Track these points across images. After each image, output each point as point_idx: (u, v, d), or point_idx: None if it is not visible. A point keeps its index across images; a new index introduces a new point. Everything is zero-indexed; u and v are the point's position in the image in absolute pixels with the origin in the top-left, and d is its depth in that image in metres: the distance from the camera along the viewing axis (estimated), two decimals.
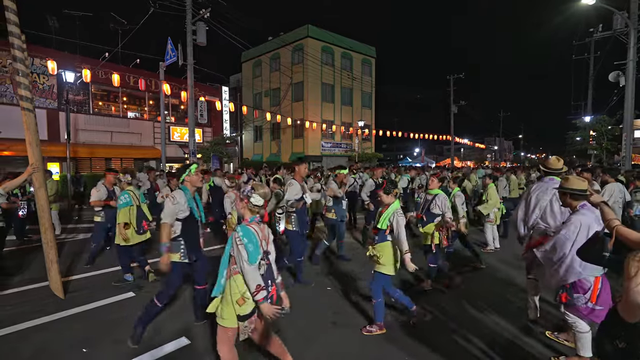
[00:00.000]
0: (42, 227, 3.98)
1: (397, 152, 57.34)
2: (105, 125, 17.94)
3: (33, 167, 3.83)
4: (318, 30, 26.33)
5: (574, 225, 2.49)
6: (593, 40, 19.69)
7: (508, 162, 56.90)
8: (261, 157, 29.44)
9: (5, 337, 3.16)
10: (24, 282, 4.56)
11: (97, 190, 5.13)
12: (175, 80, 18.51)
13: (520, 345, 3.03)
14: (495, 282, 4.65)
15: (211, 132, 22.28)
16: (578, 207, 2.54)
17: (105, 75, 16.55)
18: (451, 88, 29.92)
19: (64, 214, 8.66)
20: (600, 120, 17.37)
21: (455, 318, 3.54)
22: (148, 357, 2.84)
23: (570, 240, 2.48)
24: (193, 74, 13.34)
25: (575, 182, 2.54)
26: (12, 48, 3.75)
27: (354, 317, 3.59)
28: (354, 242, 6.91)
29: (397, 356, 2.87)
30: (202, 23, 12.98)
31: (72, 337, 3.15)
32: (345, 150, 28.45)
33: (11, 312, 3.65)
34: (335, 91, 27.88)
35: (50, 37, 16.83)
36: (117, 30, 17.56)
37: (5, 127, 13.75)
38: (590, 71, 20.67)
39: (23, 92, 3.81)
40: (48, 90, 16.12)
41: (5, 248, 5.20)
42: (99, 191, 5.12)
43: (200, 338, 3.15)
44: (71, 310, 3.71)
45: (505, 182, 7.78)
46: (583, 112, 21.73)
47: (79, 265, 5.35)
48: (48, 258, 3.98)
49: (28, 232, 7.06)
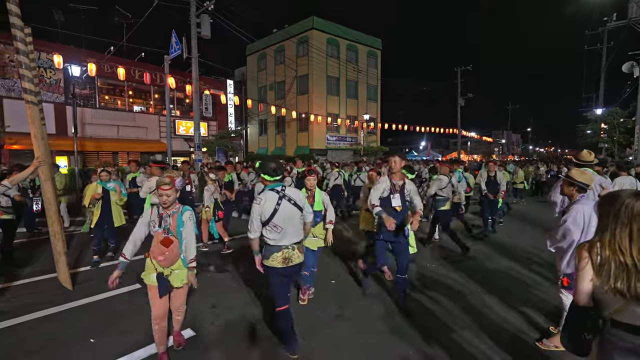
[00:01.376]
0: (49, 219, 4.03)
1: (403, 145, 56.90)
2: (111, 119, 18.07)
3: (39, 160, 3.86)
4: (323, 22, 26.02)
5: (576, 212, 2.63)
6: (606, 30, 19.17)
7: (516, 155, 56.20)
8: (266, 151, 29.47)
9: (16, 327, 3.23)
10: (33, 273, 4.65)
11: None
12: (180, 74, 18.51)
13: (524, 338, 3.00)
14: (497, 273, 4.60)
15: (216, 125, 22.32)
16: (578, 197, 2.72)
17: (111, 69, 16.62)
18: (458, 80, 29.46)
19: (72, 207, 8.77)
20: (612, 112, 16.96)
21: (458, 310, 3.52)
22: (154, 348, 2.87)
23: (578, 226, 2.61)
24: (198, 67, 13.31)
25: (583, 175, 2.72)
26: (15, 40, 3.73)
27: (358, 310, 3.58)
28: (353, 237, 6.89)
29: (401, 347, 2.87)
30: (207, 15, 12.90)
31: (80, 328, 3.20)
32: (350, 144, 28.31)
33: (22, 303, 3.73)
34: (340, 84, 27.64)
35: (56, 31, 16.93)
36: (122, 24, 17.56)
37: (14, 121, 13.93)
38: (603, 62, 20.13)
39: (27, 85, 3.82)
40: (55, 84, 16.25)
41: (16, 240, 5.29)
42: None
43: (206, 330, 3.18)
44: (79, 301, 3.77)
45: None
46: (595, 105, 21.27)
47: (86, 257, 5.43)
48: (56, 250, 4.03)
49: (38, 225, 7.18)
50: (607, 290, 1.34)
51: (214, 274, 4.67)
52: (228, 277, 4.56)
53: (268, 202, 2.61)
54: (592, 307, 1.43)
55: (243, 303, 3.75)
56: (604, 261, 1.36)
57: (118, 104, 18.99)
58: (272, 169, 2.66)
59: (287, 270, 2.69)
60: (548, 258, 5.11)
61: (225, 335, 3.10)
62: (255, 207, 2.64)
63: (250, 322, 3.32)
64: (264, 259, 2.70)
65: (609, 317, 1.39)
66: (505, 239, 6.55)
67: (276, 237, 2.64)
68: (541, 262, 5.12)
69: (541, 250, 5.51)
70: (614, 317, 1.37)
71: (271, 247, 2.66)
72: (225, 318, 3.40)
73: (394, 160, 3.48)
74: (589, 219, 2.61)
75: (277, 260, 2.64)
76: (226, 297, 3.88)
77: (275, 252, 2.65)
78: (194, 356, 2.78)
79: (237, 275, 4.64)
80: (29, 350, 2.84)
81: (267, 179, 2.69)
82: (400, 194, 3.44)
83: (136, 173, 6.47)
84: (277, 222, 2.61)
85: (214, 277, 4.55)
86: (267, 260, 2.67)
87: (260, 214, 2.61)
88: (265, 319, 3.36)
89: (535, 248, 5.83)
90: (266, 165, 2.69)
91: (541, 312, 3.48)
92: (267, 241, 2.68)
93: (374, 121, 29.04)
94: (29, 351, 2.84)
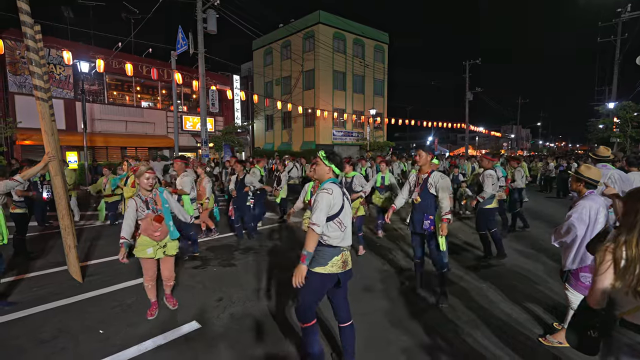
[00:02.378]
0: (59, 213, 4.13)
1: (409, 140, 56.47)
2: (120, 114, 18.29)
3: (49, 155, 3.94)
4: (329, 16, 25.79)
5: (583, 207, 2.62)
6: (620, 22, 18.63)
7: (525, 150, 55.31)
8: (272, 146, 29.51)
9: (29, 317, 3.34)
10: (45, 266, 4.77)
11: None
12: (187, 70, 18.59)
13: (527, 334, 2.98)
14: (505, 271, 4.57)
15: (223, 121, 22.42)
16: (587, 193, 2.71)
17: (119, 65, 16.77)
18: (467, 74, 29.04)
19: (82, 202, 8.95)
20: (624, 106, 16.51)
21: (462, 305, 3.52)
22: (161, 339, 2.94)
23: (584, 223, 2.60)
24: (204, 63, 13.35)
25: (592, 171, 2.72)
26: (25, 38, 3.80)
27: (361, 304, 3.60)
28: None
29: (401, 341, 2.88)
30: (213, 11, 12.90)
31: (89, 319, 3.29)
32: (356, 139, 28.19)
33: (35, 294, 3.84)
34: (346, 79, 27.46)
35: (65, 28, 17.11)
36: (130, 20, 17.66)
37: (26, 117, 14.21)
38: (616, 54, 19.60)
39: (37, 82, 3.89)
40: (65, 80, 16.48)
41: (28, 234, 5.43)
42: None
43: (211, 323, 3.24)
44: (89, 293, 3.87)
45: (523, 172, 7.60)
46: (607, 98, 20.75)
47: (96, 250, 5.56)
48: (66, 243, 4.13)
49: (49, 219, 7.35)
50: (628, 292, 1.28)
51: (220, 269, 4.74)
52: (234, 272, 4.62)
53: (337, 195, 2.30)
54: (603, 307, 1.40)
55: (248, 297, 3.80)
56: (630, 262, 1.29)
57: (126, 99, 19.19)
58: (339, 161, 2.46)
59: (346, 275, 2.39)
60: (554, 253, 5.06)
61: (230, 328, 3.15)
62: (326, 196, 2.26)
63: (255, 316, 3.36)
64: (316, 265, 2.29)
65: (619, 317, 1.36)
66: (511, 234, 6.49)
67: (339, 236, 2.32)
68: (547, 258, 5.06)
69: (547, 246, 5.45)
70: (626, 317, 1.33)
71: (332, 249, 2.31)
72: (230, 311, 3.46)
73: (419, 153, 3.60)
74: (595, 215, 2.60)
75: (338, 265, 2.31)
76: (232, 291, 3.94)
77: (335, 256, 2.31)
78: (199, 348, 2.84)
79: (243, 269, 4.70)
80: (42, 339, 2.94)
81: (335, 171, 2.45)
82: (421, 188, 3.55)
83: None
84: (343, 218, 2.33)
85: (220, 272, 4.62)
86: (322, 267, 2.28)
87: (330, 206, 2.27)
88: (271, 313, 3.41)
89: (541, 243, 5.76)
90: (335, 157, 2.45)
91: (546, 309, 3.46)
92: (327, 241, 2.30)
93: (381, 116, 28.84)
94: (42, 340, 2.93)
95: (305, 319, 2.36)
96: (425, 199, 3.54)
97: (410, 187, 3.71)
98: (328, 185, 2.34)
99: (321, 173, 2.47)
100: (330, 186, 2.33)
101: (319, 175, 2.49)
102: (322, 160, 2.45)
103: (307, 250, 2.21)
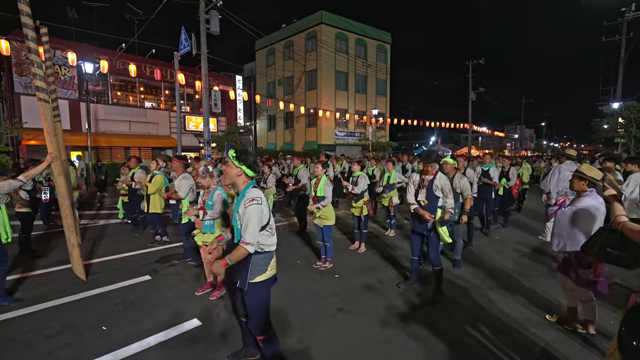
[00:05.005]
0: (62, 212, 4.19)
1: (412, 140, 56.33)
2: (123, 115, 18.43)
3: (52, 155, 4.01)
4: (332, 16, 25.81)
5: (585, 203, 2.79)
6: (625, 21, 18.49)
7: (529, 150, 54.97)
8: (275, 146, 29.58)
9: (34, 314, 3.41)
10: (50, 264, 4.85)
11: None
12: (190, 70, 18.69)
13: (526, 334, 3.00)
14: (502, 269, 4.58)
15: (225, 121, 22.52)
16: (588, 191, 2.85)
17: (123, 65, 16.88)
18: (470, 74, 28.91)
19: (87, 201, 9.05)
20: (629, 106, 16.37)
21: (461, 303, 3.54)
22: (162, 336, 3.00)
23: (591, 215, 2.74)
24: (207, 63, 13.43)
25: (593, 171, 2.85)
26: (27, 40, 3.83)
27: (361, 304, 3.64)
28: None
29: (400, 339, 2.91)
30: (215, 11, 12.96)
31: (93, 316, 3.36)
32: (359, 139, 28.19)
33: (40, 292, 3.92)
34: (349, 79, 27.46)
35: (70, 29, 17.25)
36: (133, 21, 17.80)
37: (32, 118, 14.35)
38: (621, 54, 19.43)
39: (38, 83, 3.93)
40: (69, 81, 16.64)
41: (33, 232, 5.52)
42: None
43: (212, 321, 3.29)
44: (92, 291, 3.93)
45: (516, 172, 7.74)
46: (612, 98, 20.58)
47: (100, 248, 5.63)
48: (70, 242, 4.20)
49: (54, 218, 7.45)
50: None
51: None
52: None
53: (264, 200, 2.15)
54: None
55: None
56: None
57: (130, 100, 19.33)
58: (252, 162, 2.21)
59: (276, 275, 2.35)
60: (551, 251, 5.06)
61: (230, 325, 3.20)
62: (257, 208, 2.07)
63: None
64: (258, 275, 2.19)
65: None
66: (510, 233, 6.50)
67: (274, 241, 2.25)
68: (547, 257, 5.06)
69: (547, 246, 5.44)
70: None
71: (269, 254, 2.24)
72: (231, 309, 3.50)
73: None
74: (595, 210, 2.76)
75: (273, 265, 2.28)
76: (232, 289, 3.98)
77: (272, 258, 2.26)
78: (200, 345, 2.89)
79: None
80: (47, 335, 3.00)
81: (247, 173, 2.21)
82: (427, 189, 3.65)
83: (135, 169, 6.53)
84: (272, 223, 2.23)
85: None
86: (264, 274, 2.21)
87: (262, 218, 2.12)
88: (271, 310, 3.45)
89: (539, 243, 5.76)
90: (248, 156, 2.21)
91: (544, 309, 3.47)
92: (264, 249, 2.19)
93: (383, 116, 28.80)
94: (47, 335, 3.00)
95: (267, 329, 2.34)
96: (430, 201, 3.64)
97: (415, 189, 3.78)
98: (253, 194, 2.12)
99: (231, 175, 2.19)
100: (256, 193, 2.12)
101: (229, 177, 2.20)
102: (232, 161, 2.16)
103: (231, 260, 2.14)
